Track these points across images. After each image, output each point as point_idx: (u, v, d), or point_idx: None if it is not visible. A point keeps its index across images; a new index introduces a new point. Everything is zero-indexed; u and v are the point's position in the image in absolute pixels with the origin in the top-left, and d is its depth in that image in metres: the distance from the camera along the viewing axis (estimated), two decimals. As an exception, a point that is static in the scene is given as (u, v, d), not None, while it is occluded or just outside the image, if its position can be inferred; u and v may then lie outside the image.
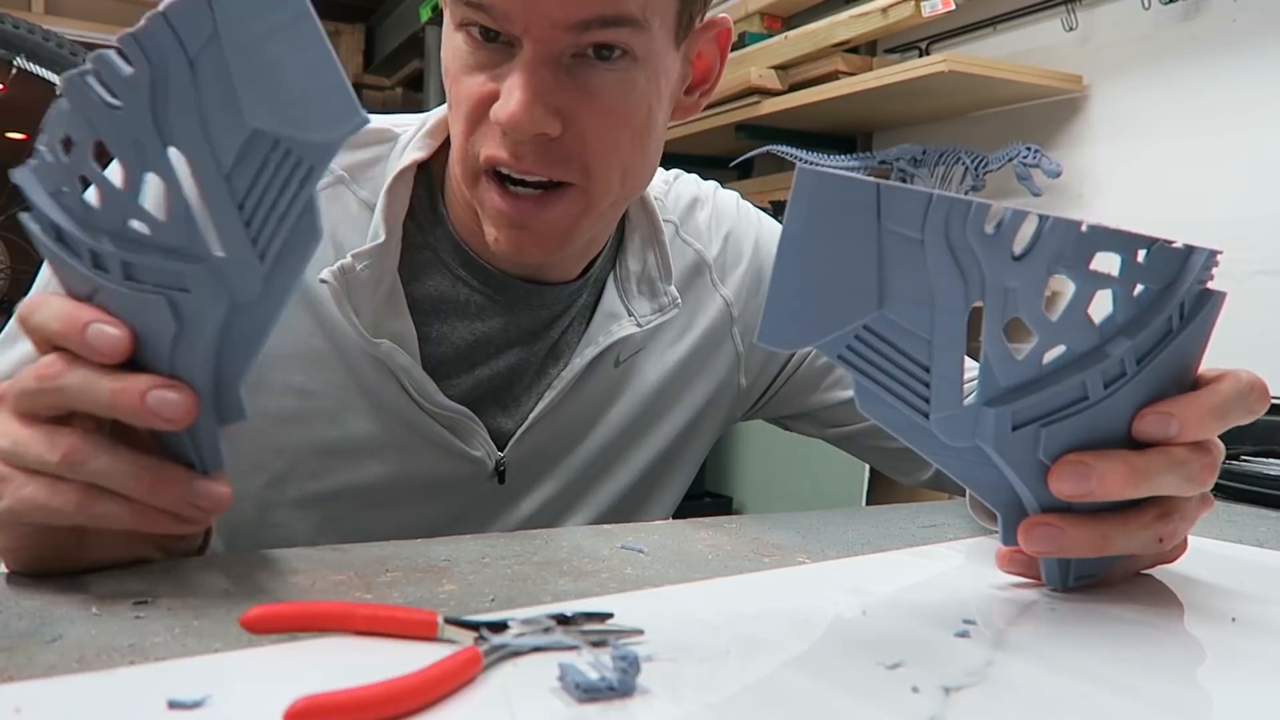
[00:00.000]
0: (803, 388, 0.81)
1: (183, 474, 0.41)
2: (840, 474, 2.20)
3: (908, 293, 0.39)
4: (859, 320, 0.40)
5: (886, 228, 0.39)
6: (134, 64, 0.38)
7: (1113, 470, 0.41)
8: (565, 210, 0.60)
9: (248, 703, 0.31)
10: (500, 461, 0.68)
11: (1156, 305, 0.42)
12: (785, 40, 2.21)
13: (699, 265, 0.77)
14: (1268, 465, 0.90)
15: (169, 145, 0.39)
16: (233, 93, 0.38)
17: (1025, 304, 0.40)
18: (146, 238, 0.40)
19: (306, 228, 0.39)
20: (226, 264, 0.39)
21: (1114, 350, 0.41)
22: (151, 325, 0.40)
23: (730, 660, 0.37)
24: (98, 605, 0.39)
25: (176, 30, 0.37)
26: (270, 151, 0.38)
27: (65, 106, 0.39)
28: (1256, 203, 1.66)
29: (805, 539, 0.58)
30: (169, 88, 0.38)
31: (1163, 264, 0.41)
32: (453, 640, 0.36)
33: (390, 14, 4.80)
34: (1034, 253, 0.40)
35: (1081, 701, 0.35)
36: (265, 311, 0.40)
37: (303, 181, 0.39)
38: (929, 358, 0.40)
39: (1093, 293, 0.41)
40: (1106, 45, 1.90)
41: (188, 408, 0.40)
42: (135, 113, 0.38)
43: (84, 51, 2.56)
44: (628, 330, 0.70)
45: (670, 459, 0.77)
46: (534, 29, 0.54)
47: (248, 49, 0.37)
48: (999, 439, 0.41)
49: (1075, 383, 0.41)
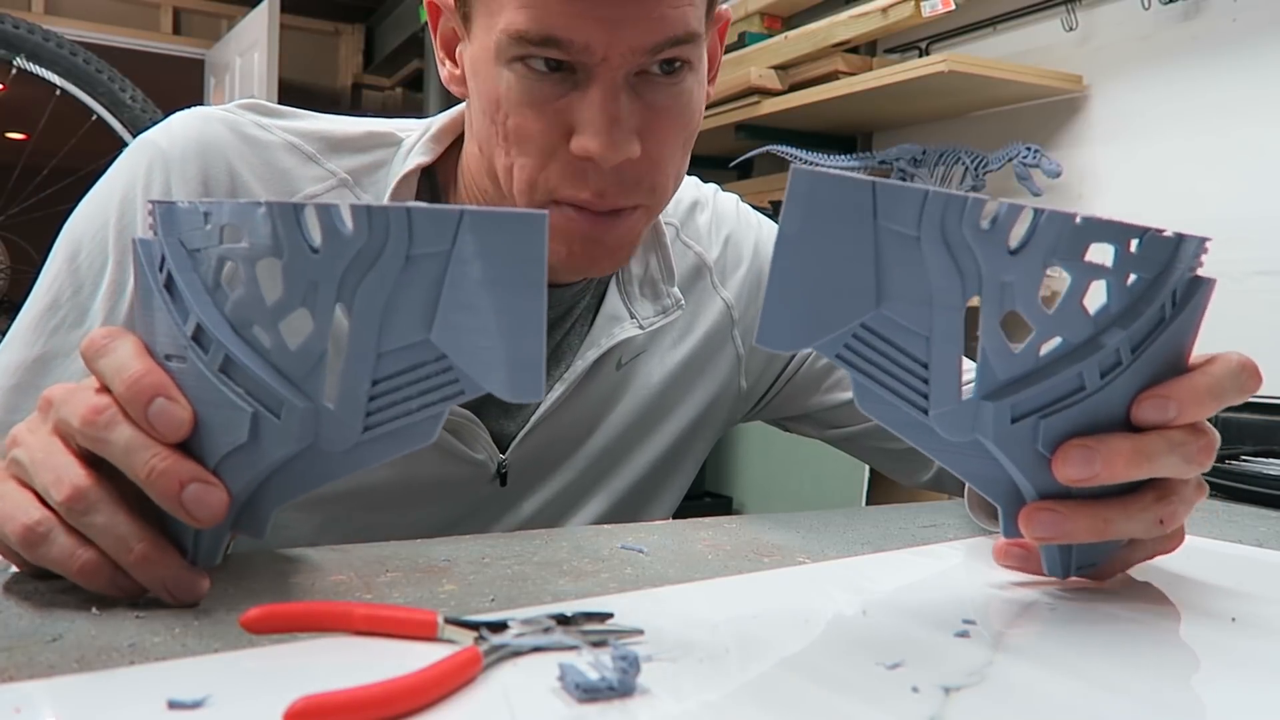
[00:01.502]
0: (803, 389, 0.81)
1: (172, 558, 0.40)
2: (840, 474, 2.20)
3: (905, 290, 0.39)
4: (857, 320, 0.40)
5: (883, 226, 0.39)
6: (355, 227, 0.38)
7: (1116, 452, 0.41)
8: (633, 225, 0.61)
9: (248, 703, 0.31)
10: (502, 464, 0.68)
11: (1149, 294, 0.42)
12: (785, 40, 2.21)
13: (699, 268, 0.77)
14: (1268, 465, 0.90)
15: (340, 302, 0.38)
16: (433, 303, 0.38)
17: (1022, 297, 0.40)
18: (264, 349, 0.39)
19: (424, 429, 0.39)
20: (329, 416, 0.39)
21: (1109, 340, 0.41)
22: (221, 424, 0.39)
23: (730, 660, 0.37)
24: (98, 605, 0.39)
25: (413, 228, 0.37)
26: (433, 361, 0.38)
27: (262, 214, 0.38)
28: (1256, 203, 1.66)
29: (805, 539, 0.58)
30: (375, 265, 0.38)
31: (1154, 253, 0.41)
32: (453, 640, 0.36)
33: (390, 14, 4.81)
34: (1030, 246, 0.40)
35: (1081, 702, 0.35)
36: (339, 467, 0.40)
37: (445, 397, 0.39)
38: (927, 355, 0.40)
39: (1088, 284, 0.41)
40: (1106, 45, 1.90)
41: (219, 513, 0.39)
42: (329, 263, 0.38)
43: (84, 51, 2.56)
44: (630, 332, 0.70)
45: (671, 461, 0.77)
46: (612, 57, 0.54)
47: (470, 282, 0.37)
48: (999, 432, 0.41)
49: (1072, 374, 0.41)
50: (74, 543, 0.39)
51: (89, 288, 0.60)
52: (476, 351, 0.38)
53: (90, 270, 0.60)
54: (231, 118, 0.63)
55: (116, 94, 2.59)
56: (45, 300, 0.61)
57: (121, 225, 0.60)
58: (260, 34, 4.04)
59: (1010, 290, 0.40)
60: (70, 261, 0.61)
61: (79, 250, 0.61)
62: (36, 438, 0.41)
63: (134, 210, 0.61)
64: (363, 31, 5.09)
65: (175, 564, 0.40)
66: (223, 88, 4.46)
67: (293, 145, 0.64)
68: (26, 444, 0.41)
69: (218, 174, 0.61)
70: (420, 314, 0.38)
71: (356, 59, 5.09)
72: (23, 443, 0.41)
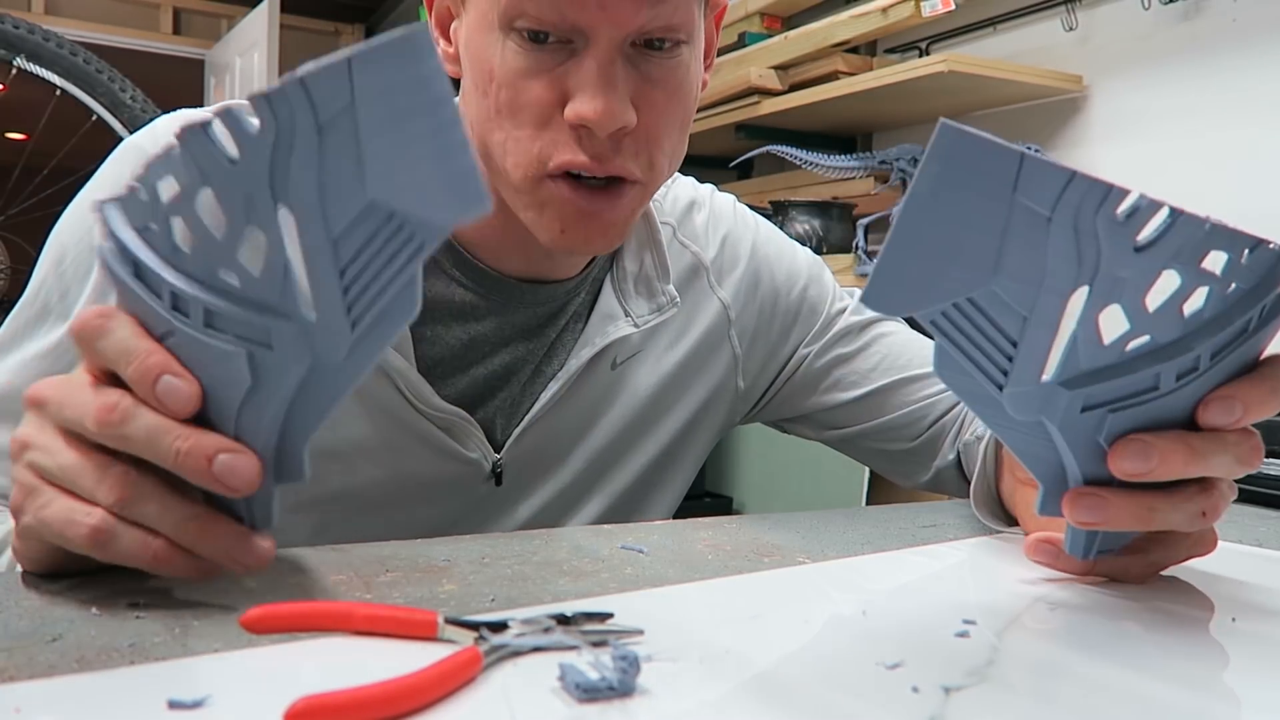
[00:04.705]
0: (801, 390, 0.81)
1: (230, 527, 0.40)
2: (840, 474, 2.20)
3: (1020, 268, 0.39)
4: (970, 291, 0.39)
5: (1019, 200, 0.38)
6: (261, 121, 0.37)
7: (1174, 450, 0.42)
8: (629, 202, 0.61)
9: (248, 703, 0.31)
10: (497, 463, 0.68)
11: (1242, 304, 0.41)
12: (785, 40, 2.21)
13: (696, 267, 0.77)
14: (1268, 465, 0.90)
15: (280, 204, 0.38)
16: (358, 163, 0.37)
17: (1130, 295, 0.40)
18: (235, 289, 0.39)
19: (404, 301, 0.39)
20: (316, 326, 0.39)
21: (1196, 346, 0.41)
22: (224, 377, 0.39)
23: (730, 660, 0.37)
24: (98, 605, 0.39)
25: (312, 95, 0.37)
26: (383, 224, 0.38)
27: (177, 153, 0.39)
28: (1257, 203, 1.66)
29: (805, 539, 0.58)
30: (292, 149, 0.37)
31: (1259, 264, 0.41)
32: (453, 640, 0.36)
33: (390, 14, 4.81)
34: (1156, 247, 0.39)
35: (1080, 702, 0.35)
36: (344, 377, 0.40)
37: (410, 257, 0.38)
38: (1019, 334, 0.40)
39: (1195, 289, 0.41)
40: (1106, 45, 1.90)
41: (253, 477, 0.39)
42: (252, 168, 0.38)
43: (84, 51, 2.56)
44: (625, 331, 0.70)
45: (668, 461, 0.77)
46: (610, 7, 0.54)
47: (381, 124, 0.37)
48: (1066, 419, 0.41)
49: (1151, 374, 0.41)
50: (141, 534, 0.39)
51: (75, 291, 0.60)
52: (415, 190, 0.37)
53: (76, 274, 0.60)
54: None
55: (116, 94, 2.59)
56: (35, 306, 0.61)
57: None
58: (260, 34, 4.04)
59: (1121, 286, 0.39)
60: (57, 266, 0.61)
61: (65, 255, 0.61)
62: (48, 437, 0.41)
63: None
64: (363, 31, 5.09)
65: (233, 533, 0.40)
66: (223, 88, 4.47)
67: None
68: (45, 448, 0.40)
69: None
70: (352, 179, 0.37)
71: (356, 59, 5.09)
72: (38, 446, 0.41)
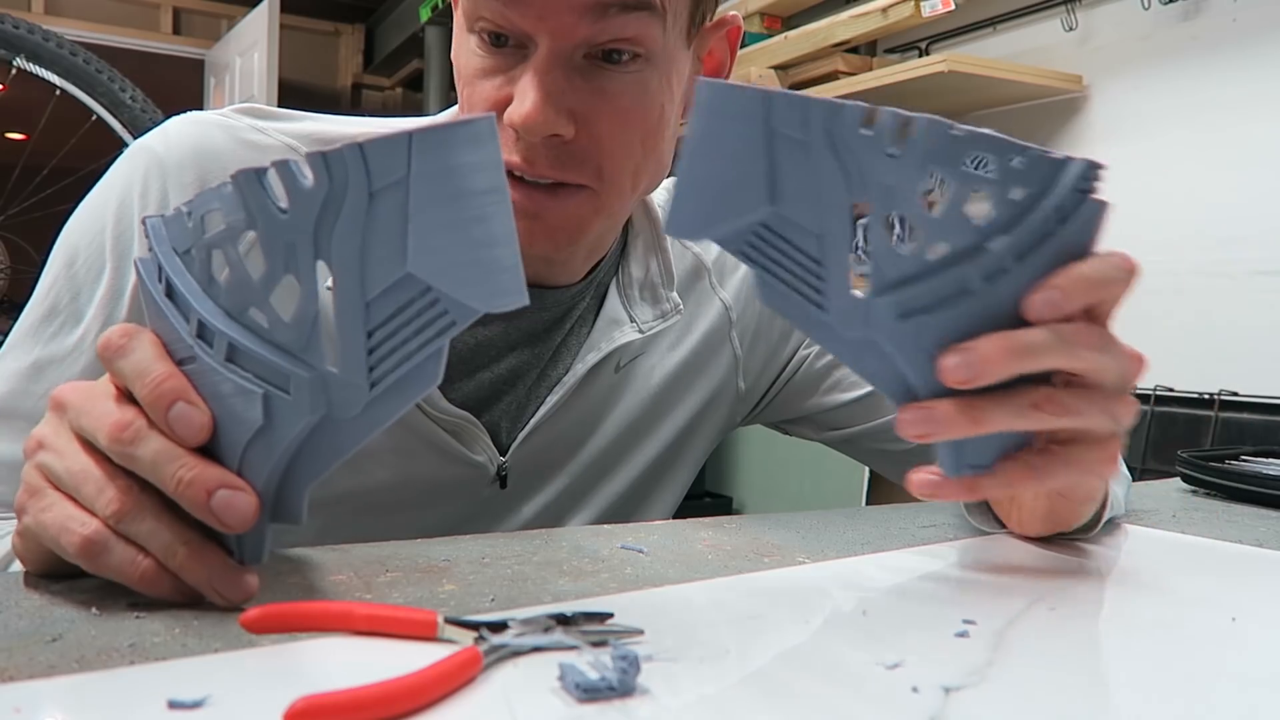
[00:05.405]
0: (801, 391, 0.81)
1: (214, 558, 0.40)
2: (840, 474, 2.21)
3: (798, 191, 0.42)
4: (752, 214, 0.43)
5: (775, 129, 0.42)
6: (315, 177, 0.38)
7: (993, 346, 0.42)
8: (577, 208, 0.60)
9: (248, 703, 0.31)
10: (502, 466, 0.68)
11: (1033, 207, 0.43)
12: (785, 40, 2.22)
13: (698, 269, 0.77)
14: (1268, 465, 0.90)
15: (320, 258, 0.39)
16: (402, 235, 0.38)
17: (904, 201, 0.42)
18: (262, 329, 0.40)
19: (427, 372, 0.39)
20: (335, 379, 0.39)
21: (993, 246, 0.42)
22: (237, 413, 0.39)
23: (730, 660, 0.37)
24: (98, 605, 0.39)
25: (369, 162, 0.37)
26: (418, 296, 0.38)
27: (229, 190, 0.39)
28: (1256, 202, 1.66)
29: (805, 539, 0.58)
30: (341, 210, 0.38)
31: (1038, 170, 0.43)
32: (453, 640, 0.36)
33: (390, 14, 4.81)
34: (907, 153, 0.42)
35: (1081, 702, 0.35)
36: (355, 433, 0.40)
37: (439, 331, 0.39)
38: (820, 252, 0.43)
39: (968, 192, 0.43)
40: (1106, 45, 1.90)
41: (249, 515, 0.39)
42: (299, 220, 0.38)
43: (84, 51, 2.56)
44: (629, 337, 0.70)
45: (669, 462, 0.77)
46: (550, 16, 0.54)
47: (432, 202, 0.37)
48: (890, 329, 0.43)
49: (956, 275, 0.43)
50: (132, 551, 0.39)
51: (86, 293, 0.60)
52: (454, 271, 0.38)
53: (88, 276, 0.60)
54: (228, 122, 0.63)
55: (116, 94, 2.59)
56: (44, 307, 0.61)
57: (118, 231, 0.60)
58: (260, 34, 4.04)
59: (892, 194, 0.42)
60: (68, 268, 0.61)
61: (76, 257, 0.61)
62: (63, 441, 0.41)
63: (130, 216, 0.61)
64: (363, 31, 5.09)
65: (219, 564, 0.40)
66: (223, 88, 4.46)
67: (291, 148, 0.64)
68: (58, 450, 0.41)
69: (215, 180, 0.61)
70: (395, 249, 0.38)
71: (356, 59, 5.09)
72: (51, 447, 0.41)
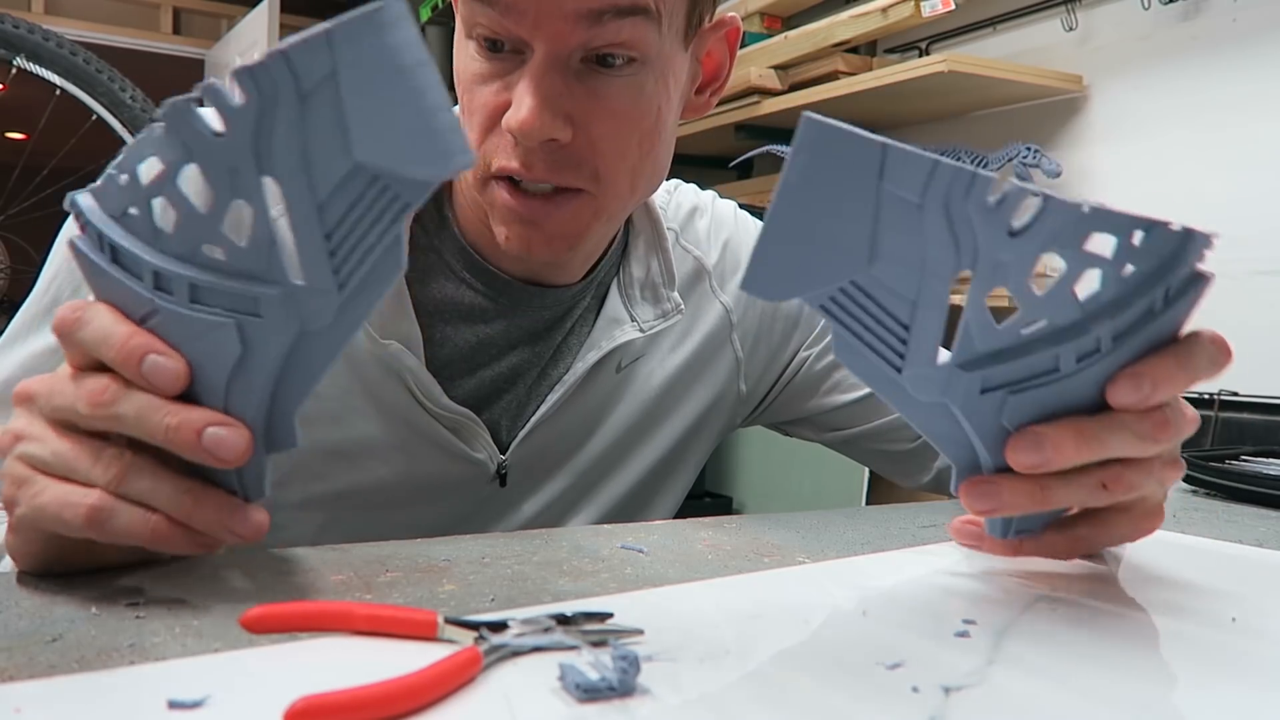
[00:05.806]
0: (802, 393, 0.81)
1: (224, 499, 0.40)
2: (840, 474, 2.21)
3: (899, 254, 0.40)
4: (847, 277, 0.40)
5: (887, 189, 0.39)
6: (244, 94, 0.38)
7: (1064, 438, 0.42)
8: (575, 213, 0.60)
9: (248, 703, 0.31)
10: (502, 464, 0.69)
11: (1143, 288, 0.41)
12: (785, 40, 2.21)
13: (699, 272, 0.77)
14: (1268, 465, 0.91)
15: (265, 174, 0.38)
16: (342, 128, 0.38)
17: (1014, 278, 0.40)
18: (221, 262, 0.39)
19: (390, 261, 0.39)
20: (303, 291, 0.39)
21: (1094, 328, 0.41)
22: (212, 351, 0.39)
23: (730, 660, 0.37)
24: (98, 605, 0.39)
25: (294, 67, 0.37)
26: (367, 186, 0.38)
27: (159, 132, 0.39)
28: (1256, 203, 1.66)
29: (805, 539, 0.58)
30: (275, 119, 0.38)
31: (1157, 246, 0.41)
32: (453, 640, 0.36)
33: (390, 14, 4.80)
34: (1031, 231, 0.40)
35: (1081, 702, 0.35)
36: (332, 340, 0.40)
37: (395, 217, 0.38)
38: (910, 318, 0.41)
39: (1082, 271, 0.41)
40: (1106, 45, 1.90)
41: (242, 447, 0.39)
42: (237, 141, 0.38)
43: (84, 51, 2.56)
44: (630, 335, 0.70)
45: (670, 464, 0.77)
46: (545, 23, 0.54)
47: (364, 89, 0.37)
48: (967, 401, 0.42)
49: (1049, 355, 0.41)
50: (139, 511, 0.40)
51: (87, 288, 0.60)
52: (401, 148, 0.38)
53: None
54: None
55: (116, 94, 2.59)
56: (46, 298, 0.61)
57: None
58: (260, 34, 4.04)
59: (1004, 269, 0.40)
60: (70, 261, 0.61)
61: None
62: (39, 428, 0.41)
63: None
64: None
65: (227, 504, 0.40)
66: (222, 88, 4.46)
67: None
68: (38, 438, 0.41)
69: None
70: (337, 143, 0.38)
71: (356, 59, 5.08)
72: (30, 437, 0.41)
